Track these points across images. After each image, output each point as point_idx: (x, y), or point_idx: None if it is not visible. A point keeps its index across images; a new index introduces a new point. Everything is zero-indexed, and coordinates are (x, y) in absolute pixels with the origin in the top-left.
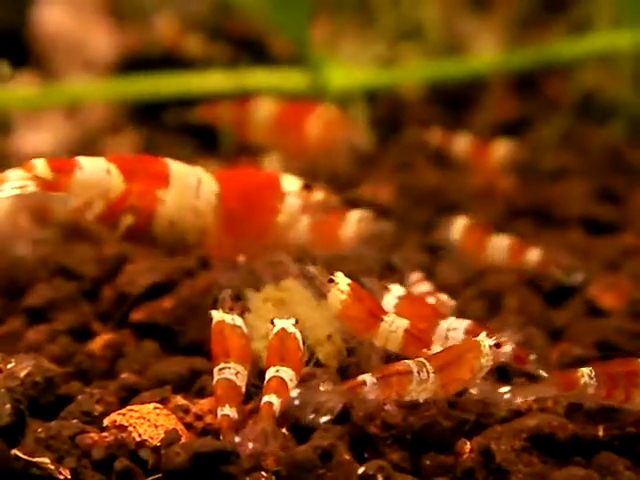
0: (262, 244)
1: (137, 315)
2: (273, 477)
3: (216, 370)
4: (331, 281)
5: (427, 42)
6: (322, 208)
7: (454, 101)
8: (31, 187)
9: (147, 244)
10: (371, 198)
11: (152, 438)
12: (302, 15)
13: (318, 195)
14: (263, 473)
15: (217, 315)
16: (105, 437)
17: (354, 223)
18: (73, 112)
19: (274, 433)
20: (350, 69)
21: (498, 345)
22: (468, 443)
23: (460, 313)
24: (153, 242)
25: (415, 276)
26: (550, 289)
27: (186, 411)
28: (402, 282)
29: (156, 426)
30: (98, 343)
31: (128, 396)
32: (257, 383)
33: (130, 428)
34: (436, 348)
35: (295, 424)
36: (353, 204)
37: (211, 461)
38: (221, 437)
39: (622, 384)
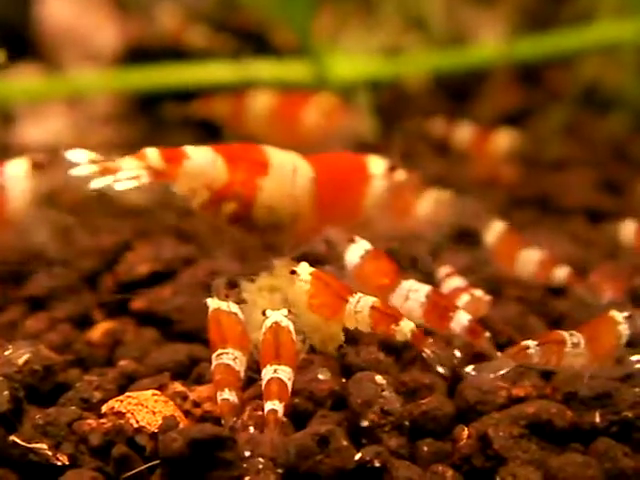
0: (350, 225)
1: (137, 304)
2: (270, 463)
3: (214, 356)
4: (293, 273)
5: (431, 32)
6: (404, 188)
7: (457, 91)
8: (144, 177)
9: (244, 228)
10: None
11: (150, 424)
12: (305, 6)
13: (401, 175)
14: (260, 459)
15: (213, 303)
16: (103, 423)
17: (430, 202)
18: (77, 103)
19: (283, 442)
20: (353, 59)
21: (630, 317)
22: (466, 429)
23: None
24: (250, 226)
25: (445, 270)
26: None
27: (184, 398)
28: (431, 276)
29: (154, 412)
30: (98, 331)
31: (127, 383)
32: (255, 369)
33: (128, 415)
34: (406, 322)
35: (293, 411)
36: None
37: (208, 447)
38: (222, 421)
39: None
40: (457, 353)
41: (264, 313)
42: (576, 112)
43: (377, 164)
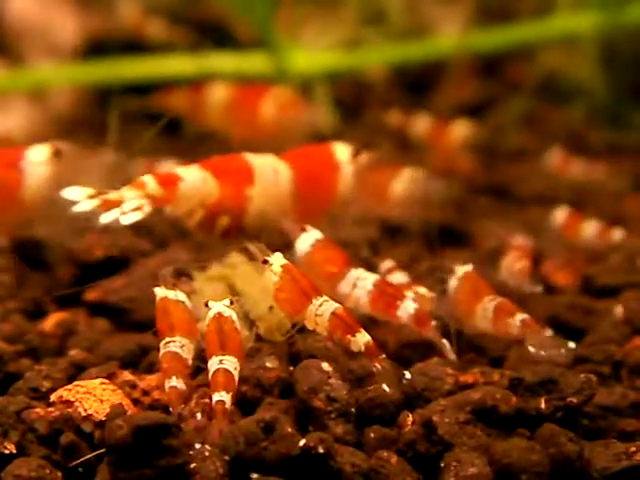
0: (327, 212)
1: (90, 294)
2: (217, 450)
3: (162, 345)
4: (265, 262)
5: (390, 25)
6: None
7: (417, 83)
8: (147, 207)
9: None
10: None
11: (98, 413)
12: None
13: (365, 157)
14: (207, 446)
15: (160, 292)
16: (51, 412)
17: (405, 181)
18: (38, 97)
19: (231, 432)
20: (314, 52)
21: None
22: (410, 415)
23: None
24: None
25: (388, 264)
26: None
27: (133, 386)
28: (374, 270)
29: (102, 401)
30: (50, 322)
31: (76, 372)
32: (203, 357)
33: (76, 403)
34: (362, 334)
35: (241, 398)
36: None
37: (153, 434)
38: (170, 409)
39: None
40: (407, 374)
41: (207, 304)
42: (534, 103)
43: (342, 151)
